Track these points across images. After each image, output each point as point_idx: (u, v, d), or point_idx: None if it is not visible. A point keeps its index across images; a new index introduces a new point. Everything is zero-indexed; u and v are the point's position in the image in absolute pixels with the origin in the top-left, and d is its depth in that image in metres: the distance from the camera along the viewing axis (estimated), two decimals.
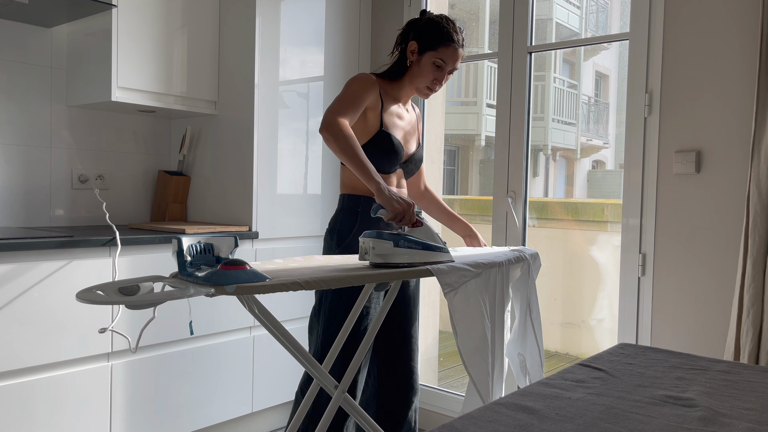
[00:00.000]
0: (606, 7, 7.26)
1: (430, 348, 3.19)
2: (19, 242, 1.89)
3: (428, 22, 1.92)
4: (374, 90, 1.88)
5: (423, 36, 1.91)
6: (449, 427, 1.07)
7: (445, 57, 1.91)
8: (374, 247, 1.47)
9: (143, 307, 1.18)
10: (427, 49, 1.91)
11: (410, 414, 2.03)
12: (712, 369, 1.47)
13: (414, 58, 1.93)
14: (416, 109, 2.13)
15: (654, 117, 2.17)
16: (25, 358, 1.94)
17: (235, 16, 2.59)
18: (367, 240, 1.50)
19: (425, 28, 1.92)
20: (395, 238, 1.50)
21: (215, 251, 1.34)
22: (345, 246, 1.91)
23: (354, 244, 1.91)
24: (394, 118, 1.95)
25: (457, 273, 1.58)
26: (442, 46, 1.90)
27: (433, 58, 1.90)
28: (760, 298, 1.86)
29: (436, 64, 1.91)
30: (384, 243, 1.47)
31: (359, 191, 1.93)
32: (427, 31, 1.91)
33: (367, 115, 1.89)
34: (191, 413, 2.38)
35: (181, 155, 2.78)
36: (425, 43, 1.91)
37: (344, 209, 1.95)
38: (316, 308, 1.94)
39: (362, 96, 1.84)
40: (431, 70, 1.92)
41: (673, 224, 2.14)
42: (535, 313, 1.92)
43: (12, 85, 2.41)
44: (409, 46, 1.93)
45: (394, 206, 1.61)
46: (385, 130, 1.90)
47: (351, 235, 1.91)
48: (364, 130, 1.89)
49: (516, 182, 2.55)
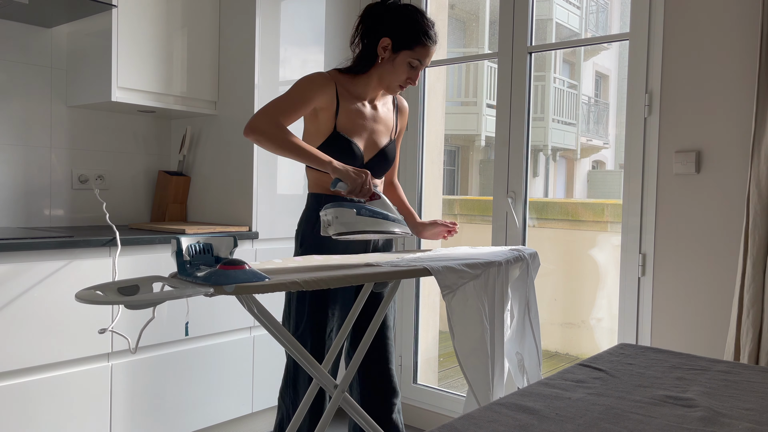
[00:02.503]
0: (606, 7, 7.27)
1: (430, 348, 3.19)
2: (19, 242, 1.89)
3: (401, 17, 1.78)
4: (326, 90, 1.78)
5: (397, 33, 1.77)
6: (449, 427, 1.07)
7: (421, 56, 1.79)
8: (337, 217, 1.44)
9: (143, 307, 1.18)
10: (402, 47, 1.78)
11: (395, 416, 1.97)
12: (712, 369, 1.47)
13: (386, 55, 1.80)
14: (402, 101, 2.02)
15: (654, 117, 2.17)
16: (25, 358, 1.94)
17: (235, 16, 2.60)
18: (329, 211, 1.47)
19: (399, 23, 1.78)
20: (357, 207, 1.47)
21: (214, 251, 1.34)
22: (307, 246, 1.84)
23: (316, 245, 1.83)
24: (354, 117, 1.84)
25: (455, 275, 1.58)
26: (419, 46, 1.78)
27: (409, 58, 1.78)
28: (760, 298, 1.86)
29: (411, 65, 1.80)
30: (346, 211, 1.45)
31: (321, 190, 1.84)
32: (401, 28, 1.77)
33: (319, 116, 1.80)
34: (191, 413, 2.38)
35: (181, 155, 2.78)
36: (400, 42, 1.78)
37: (309, 209, 1.87)
38: (285, 312, 1.88)
39: (307, 96, 1.75)
40: (405, 69, 1.80)
41: (673, 224, 2.14)
42: (534, 313, 1.92)
43: (12, 85, 2.41)
44: (381, 42, 1.79)
45: (352, 176, 1.59)
46: (338, 132, 1.80)
47: (312, 236, 1.83)
48: (316, 132, 1.81)
49: (516, 182, 2.55)
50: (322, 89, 1.79)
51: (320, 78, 1.80)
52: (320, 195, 1.85)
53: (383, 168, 1.93)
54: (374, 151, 1.89)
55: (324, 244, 1.83)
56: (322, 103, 1.79)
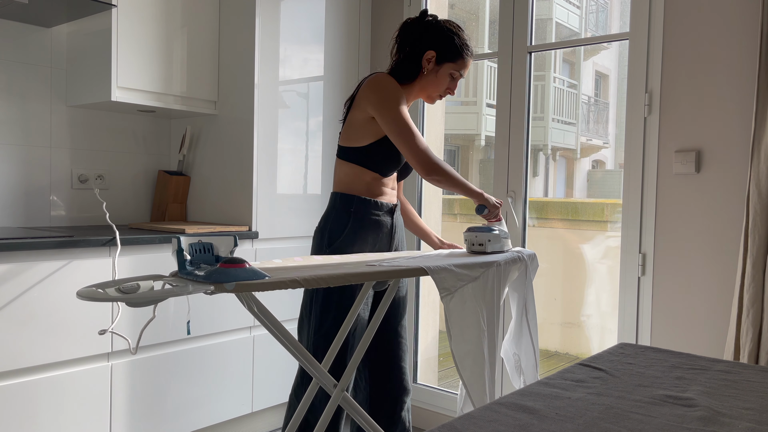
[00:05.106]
0: (606, 7, 7.27)
1: (429, 348, 3.19)
2: (19, 242, 1.89)
3: (445, 31, 1.91)
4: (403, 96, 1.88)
5: (441, 46, 1.90)
6: (449, 427, 1.07)
7: (462, 68, 1.94)
8: (490, 240, 1.85)
9: (144, 304, 1.18)
10: (446, 60, 1.91)
11: (403, 414, 2.02)
12: (712, 369, 1.47)
13: (431, 66, 1.92)
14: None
15: (654, 117, 2.17)
16: (25, 358, 1.94)
17: (235, 16, 2.60)
18: (480, 234, 1.86)
19: (441, 38, 1.90)
20: (501, 231, 1.88)
21: (215, 251, 1.34)
22: (335, 247, 1.87)
23: (345, 245, 1.86)
24: None
25: (454, 277, 1.58)
26: (461, 59, 1.92)
27: (451, 69, 1.92)
28: (760, 297, 1.86)
29: (453, 76, 1.94)
30: (496, 236, 1.87)
31: (353, 191, 1.89)
32: (445, 42, 1.90)
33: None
34: (191, 413, 2.38)
35: (181, 155, 2.78)
36: (445, 55, 1.91)
37: (336, 208, 1.90)
38: (307, 308, 1.91)
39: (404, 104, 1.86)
40: (447, 80, 1.94)
41: (673, 224, 2.14)
42: (531, 314, 1.92)
43: (12, 85, 2.41)
44: (426, 54, 1.91)
45: (496, 206, 1.88)
46: None
47: (343, 236, 1.87)
48: (371, 131, 1.86)
49: (516, 182, 2.55)
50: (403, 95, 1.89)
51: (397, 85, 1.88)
52: (352, 196, 1.90)
53: (407, 172, 2.05)
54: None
55: (353, 242, 1.88)
56: None
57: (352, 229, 1.87)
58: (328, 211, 1.93)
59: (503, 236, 1.89)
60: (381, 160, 1.86)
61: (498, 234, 1.87)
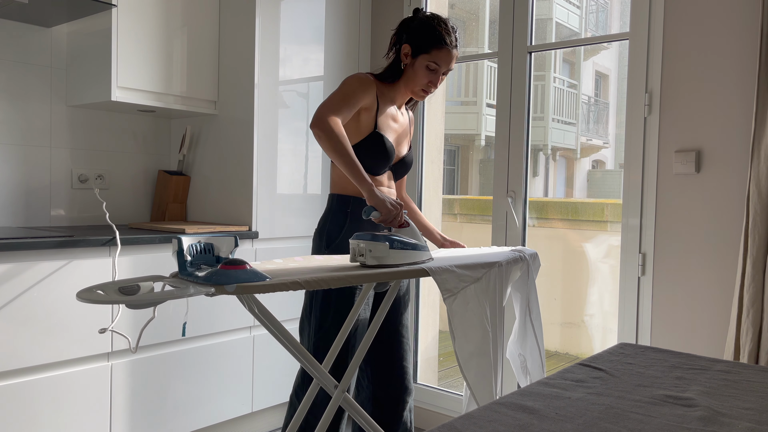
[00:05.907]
0: (606, 7, 7.26)
1: (429, 348, 3.19)
2: (19, 242, 1.89)
3: (420, 24, 1.90)
4: (371, 91, 1.86)
5: (415, 39, 1.89)
6: (449, 427, 1.07)
7: (439, 60, 1.88)
8: (371, 250, 1.50)
9: (144, 306, 1.18)
10: (420, 52, 1.89)
11: (405, 414, 2.03)
12: (712, 369, 1.47)
13: (408, 61, 1.91)
14: (409, 112, 2.11)
15: (654, 117, 2.17)
16: (25, 358, 1.94)
17: (235, 16, 2.59)
18: (362, 242, 1.51)
19: (417, 30, 1.89)
20: (390, 240, 1.52)
21: (215, 251, 1.34)
22: (334, 247, 1.89)
23: (343, 245, 1.89)
24: (389, 120, 1.93)
25: (456, 278, 1.58)
26: (434, 49, 1.88)
27: (427, 61, 1.88)
28: (759, 297, 1.86)
29: (429, 68, 1.89)
30: (380, 245, 1.50)
31: (349, 192, 1.91)
32: (419, 34, 1.88)
33: (361, 115, 1.87)
34: (191, 413, 2.38)
35: (181, 155, 2.78)
36: (418, 47, 1.89)
37: (333, 210, 1.93)
38: (307, 309, 1.92)
39: (358, 96, 1.82)
40: (425, 73, 1.90)
41: (673, 224, 2.14)
42: (535, 314, 1.92)
43: (12, 85, 2.41)
44: (402, 49, 1.91)
45: (388, 208, 1.65)
46: (378, 132, 1.88)
47: (340, 236, 1.89)
48: (356, 130, 1.87)
49: (516, 182, 2.55)
50: (370, 89, 1.86)
51: (366, 78, 1.87)
52: (348, 197, 1.91)
53: (403, 172, 2.03)
54: (400, 155, 2.00)
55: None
56: (367, 103, 1.86)
57: (349, 229, 1.89)
58: (326, 212, 1.96)
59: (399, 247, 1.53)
60: (369, 158, 1.86)
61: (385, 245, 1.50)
